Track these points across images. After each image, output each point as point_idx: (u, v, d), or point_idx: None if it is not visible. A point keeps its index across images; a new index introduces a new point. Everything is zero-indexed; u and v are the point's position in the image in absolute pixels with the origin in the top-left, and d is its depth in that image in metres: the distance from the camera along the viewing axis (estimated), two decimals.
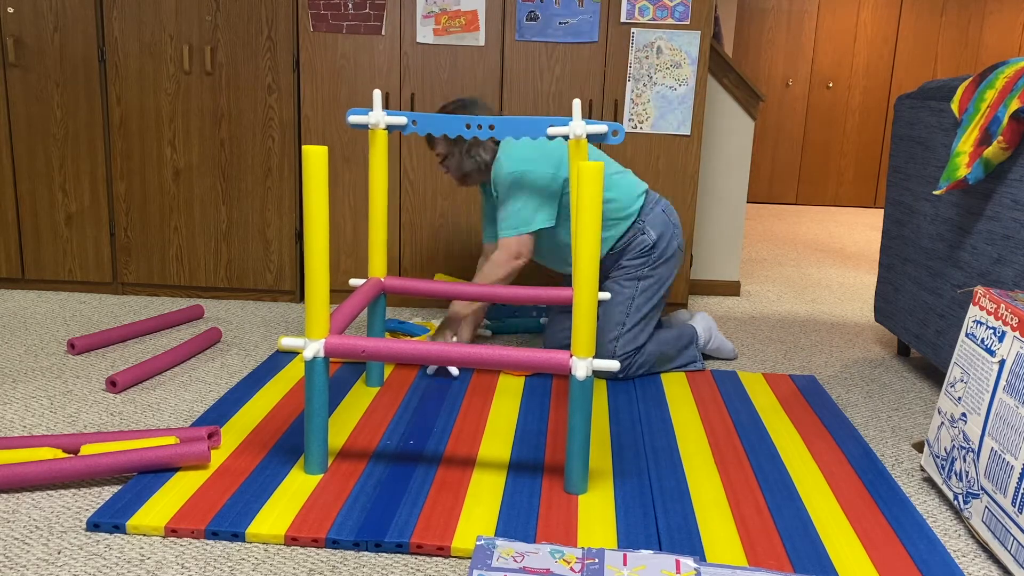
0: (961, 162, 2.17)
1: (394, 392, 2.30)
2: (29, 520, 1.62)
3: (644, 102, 3.02)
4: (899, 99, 2.76)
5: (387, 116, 2.21)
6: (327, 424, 1.82)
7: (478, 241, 3.17)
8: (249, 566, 1.50)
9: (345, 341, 1.78)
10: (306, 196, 1.73)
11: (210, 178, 3.13)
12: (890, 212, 2.79)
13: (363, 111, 2.22)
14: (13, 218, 3.18)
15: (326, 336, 1.78)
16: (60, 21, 3.02)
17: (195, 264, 3.21)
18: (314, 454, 1.80)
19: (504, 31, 2.98)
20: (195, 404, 2.21)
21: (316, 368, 1.77)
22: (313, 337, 1.77)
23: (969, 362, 1.76)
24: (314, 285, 1.75)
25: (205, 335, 2.62)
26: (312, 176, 1.72)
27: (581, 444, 1.75)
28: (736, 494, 1.80)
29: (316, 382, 1.78)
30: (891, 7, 6.43)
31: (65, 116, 3.09)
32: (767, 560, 1.55)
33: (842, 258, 4.61)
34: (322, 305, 1.77)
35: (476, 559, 1.46)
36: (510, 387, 2.37)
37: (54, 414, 2.13)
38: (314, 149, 1.70)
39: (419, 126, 2.21)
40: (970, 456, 1.70)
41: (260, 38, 3.02)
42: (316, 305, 1.76)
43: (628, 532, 1.63)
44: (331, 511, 1.66)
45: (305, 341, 1.77)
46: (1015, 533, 1.52)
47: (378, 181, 2.28)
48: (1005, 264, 2.07)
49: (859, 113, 6.61)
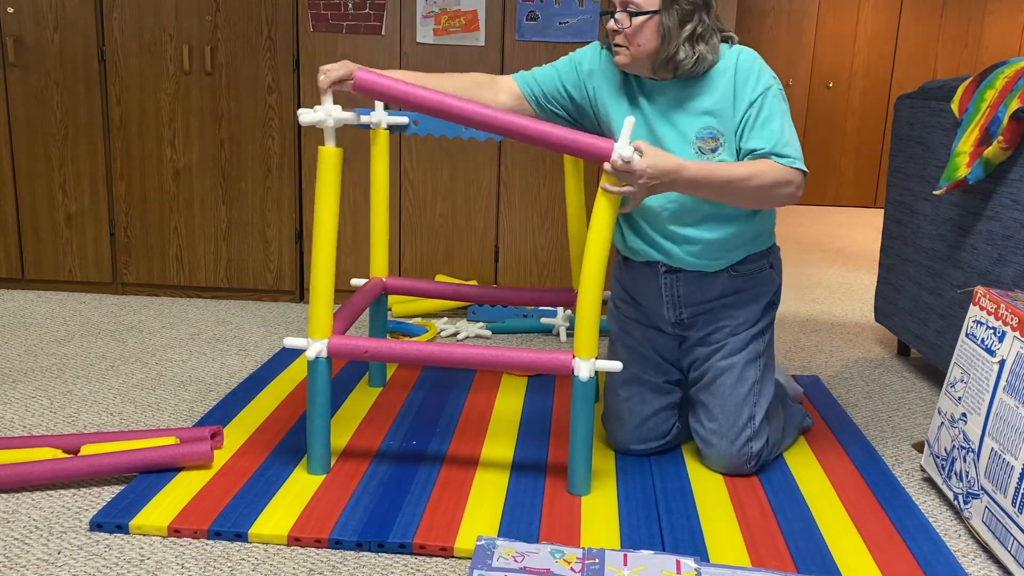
0: (961, 162, 2.17)
1: (396, 392, 2.30)
2: (29, 520, 1.62)
3: None
4: (899, 99, 2.76)
5: (389, 116, 2.21)
6: (329, 424, 1.81)
7: (478, 241, 3.16)
8: (249, 566, 1.50)
9: (348, 342, 1.77)
10: (317, 197, 1.73)
11: (210, 178, 3.13)
12: (890, 212, 2.79)
13: (367, 111, 2.22)
14: (13, 218, 3.18)
15: (329, 336, 1.78)
16: (60, 21, 3.02)
17: (195, 264, 3.20)
18: (317, 454, 1.80)
19: (504, 31, 2.98)
20: (195, 404, 2.21)
21: (319, 368, 1.77)
22: (316, 337, 1.77)
23: (969, 362, 1.76)
24: (319, 286, 1.75)
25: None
26: (325, 176, 1.72)
27: (584, 446, 1.73)
28: (739, 494, 1.80)
29: (319, 382, 1.77)
30: (891, 7, 6.43)
31: (65, 116, 3.09)
32: (770, 561, 1.55)
33: (842, 258, 4.61)
34: (326, 306, 1.76)
35: (476, 559, 1.46)
36: (513, 387, 2.37)
37: (54, 414, 2.13)
38: (329, 150, 1.71)
39: (420, 126, 2.23)
40: (970, 456, 1.70)
41: (260, 38, 3.02)
42: (320, 306, 1.76)
43: (631, 532, 1.63)
44: (334, 511, 1.66)
45: (308, 341, 1.76)
46: (1015, 533, 1.52)
47: (379, 181, 2.27)
48: (1005, 264, 2.07)
49: (859, 113, 6.61)
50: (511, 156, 3.08)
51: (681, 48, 1.75)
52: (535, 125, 1.65)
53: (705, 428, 1.87)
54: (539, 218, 3.12)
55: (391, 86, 1.69)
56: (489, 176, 3.09)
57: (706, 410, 1.87)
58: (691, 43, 1.76)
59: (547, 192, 3.10)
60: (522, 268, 3.16)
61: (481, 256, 3.16)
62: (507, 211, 3.12)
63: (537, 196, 3.10)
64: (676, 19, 1.73)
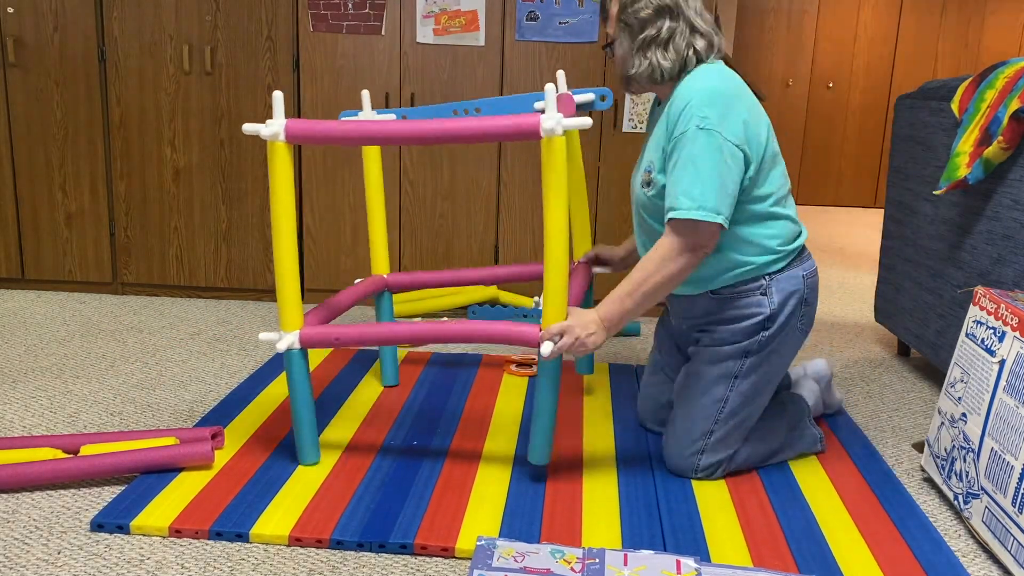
0: (961, 162, 2.17)
1: (397, 392, 2.30)
2: (29, 520, 1.62)
3: (644, 102, 3.02)
4: (899, 99, 2.76)
5: (377, 115, 2.22)
6: (313, 413, 1.84)
7: (478, 242, 3.16)
8: (249, 566, 1.50)
9: (319, 331, 1.80)
10: (272, 190, 1.78)
11: (210, 178, 3.13)
12: (890, 212, 2.79)
13: (354, 112, 2.25)
14: (13, 218, 3.18)
15: (300, 328, 1.81)
16: (60, 21, 3.02)
17: (195, 264, 3.20)
18: (305, 443, 1.84)
19: (504, 31, 2.98)
20: (195, 404, 2.21)
21: (294, 359, 1.80)
22: (287, 329, 1.80)
23: (969, 362, 1.76)
24: (284, 279, 1.79)
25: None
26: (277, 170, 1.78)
27: (546, 417, 1.75)
28: (740, 494, 1.80)
29: (296, 373, 1.81)
30: (891, 7, 6.44)
31: (65, 116, 3.09)
32: (772, 561, 1.55)
33: (842, 258, 4.61)
34: (293, 298, 1.80)
35: (476, 559, 1.46)
36: (514, 387, 2.37)
37: (54, 414, 2.13)
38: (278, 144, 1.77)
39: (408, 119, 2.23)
40: (970, 456, 1.70)
41: (260, 38, 3.02)
42: (287, 298, 1.80)
43: (632, 532, 1.63)
44: (335, 512, 1.66)
45: (280, 334, 1.80)
46: (1015, 533, 1.52)
47: (373, 179, 2.28)
48: (1005, 264, 2.07)
49: (859, 113, 6.61)
50: (511, 156, 3.08)
51: (632, 60, 1.79)
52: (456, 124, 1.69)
53: (667, 427, 1.93)
54: (539, 218, 3.12)
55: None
56: (489, 176, 3.10)
57: (673, 411, 1.92)
58: (643, 52, 1.77)
59: None
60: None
61: (481, 256, 3.16)
62: (507, 211, 3.12)
63: (537, 196, 3.10)
64: (628, 35, 1.78)
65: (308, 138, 1.75)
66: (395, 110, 2.24)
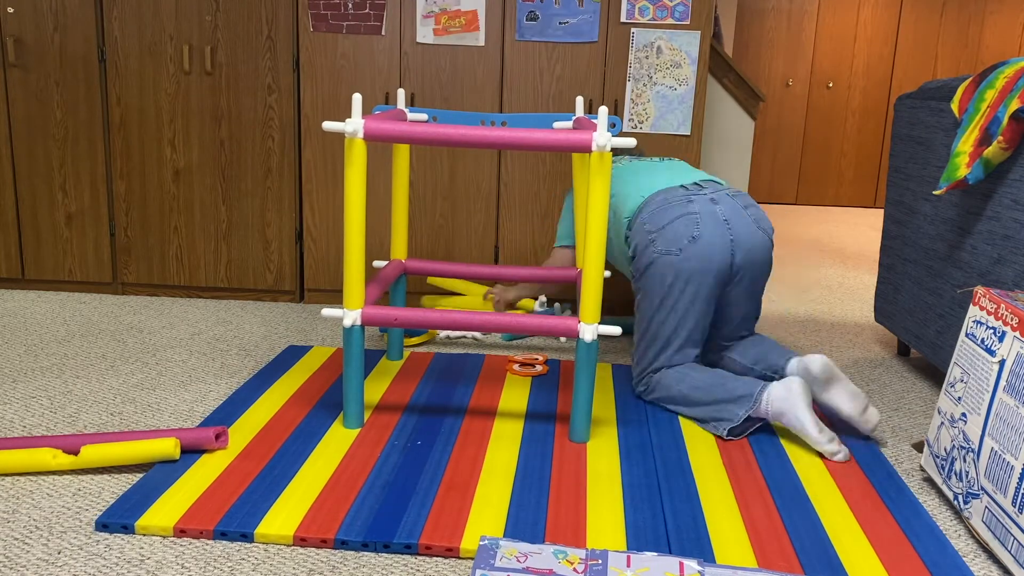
0: (961, 162, 2.17)
1: (401, 391, 2.30)
2: (29, 520, 1.62)
3: (644, 102, 3.03)
4: (899, 99, 2.77)
5: (411, 113, 2.45)
6: (363, 384, 2.05)
7: (478, 241, 3.16)
8: (249, 566, 1.50)
9: (379, 311, 2.02)
10: (347, 183, 1.96)
11: (210, 178, 3.13)
12: (890, 212, 2.79)
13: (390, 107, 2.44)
14: (13, 218, 3.18)
15: (362, 307, 2.01)
16: (60, 21, 3.02)
17: (195, 264, 3.20)
18: (352, 412, 2.05)
19: (504, 31, 2.98)
20: (195, 404, 2.21)
21: (353, 335, 2.01)
22: (351, 308, 2.01)
23: (969, 362, 1.77)
24: (351, 262, 1.98)
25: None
26: (353, 164, 1.93)
27: (585, 397, 1.99)
28: (745, 495, 1.80)
29: (353, 347, 2.01)
30: (891, 7, 6.44)
31: (65, 116, 3.09)
32: (777, 562, 1.55)
33: (842, 258, 4.61)
34: (358, 280, 2.00)
35: (479, 559, 1.46)
36: (517, 387, 2.38)
37: (54, 414, 2.13)
38: (356, 141, 1.91)
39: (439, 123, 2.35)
40: (970, 456, 1.70)
41: (260, 38, 3.02)
42: (352, 280, 1.99)
43: (636, 533, 1.63)
44: (339, 512, 1.66)
45: (344, 311, 2.00)
46: (1015, 533, 1.52)
47: (401, 172, 2.50)
48: (1005, 264, 2.07)
49: (859, 113, 6.61)
50: (511, 156, 3.08)
51: None
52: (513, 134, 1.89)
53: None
54: (539, 218, 3.12)
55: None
56: (489, 176, 3.10)
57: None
58: None
59: (547, 192, 3.10)
60: None
61: (481, 256, 3.16)
62: (507, 211, 3.12)
63: (537, 196, 3.10)
64: None
65: (383, 136, 1.91)
66: (428, 110, 2.49)
